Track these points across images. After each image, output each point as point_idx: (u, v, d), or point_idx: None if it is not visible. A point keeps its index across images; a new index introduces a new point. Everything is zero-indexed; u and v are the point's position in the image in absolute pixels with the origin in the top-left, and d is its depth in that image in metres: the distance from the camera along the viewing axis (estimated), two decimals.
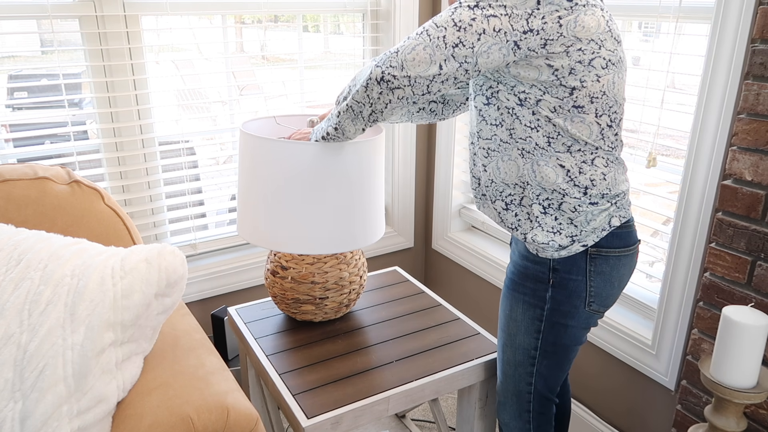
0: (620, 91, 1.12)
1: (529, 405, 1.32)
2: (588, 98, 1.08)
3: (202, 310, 2.05)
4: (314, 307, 1.47)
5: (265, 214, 1.28)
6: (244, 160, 1.29)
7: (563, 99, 1.07)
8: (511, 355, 1.29)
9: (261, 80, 2.05)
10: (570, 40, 1.03)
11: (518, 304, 1.24)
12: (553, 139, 1.11)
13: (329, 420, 1.20)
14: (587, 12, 1.03)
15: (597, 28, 1.04)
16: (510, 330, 1.28)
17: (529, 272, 1.21)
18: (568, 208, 1.14)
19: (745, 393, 1.15)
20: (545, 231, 1.16)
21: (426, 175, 2.42)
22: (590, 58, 1.05)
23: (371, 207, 1.34)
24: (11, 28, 1.75)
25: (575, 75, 1.05)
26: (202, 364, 1.19)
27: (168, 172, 1.93)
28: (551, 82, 1.06)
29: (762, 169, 1.25)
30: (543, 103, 1.08)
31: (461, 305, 2.41)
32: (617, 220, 1.16)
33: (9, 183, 1.35)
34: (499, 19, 1.01)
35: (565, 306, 1.20)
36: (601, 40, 1.05)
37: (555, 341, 1.23)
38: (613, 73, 1.08)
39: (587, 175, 1.12)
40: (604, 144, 1.13)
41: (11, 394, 1.00)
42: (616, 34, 1.09)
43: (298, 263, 1.46)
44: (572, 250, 1.16)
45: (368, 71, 1.08)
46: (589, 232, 1.15)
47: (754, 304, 1.31)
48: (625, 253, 1.19)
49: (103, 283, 1.08)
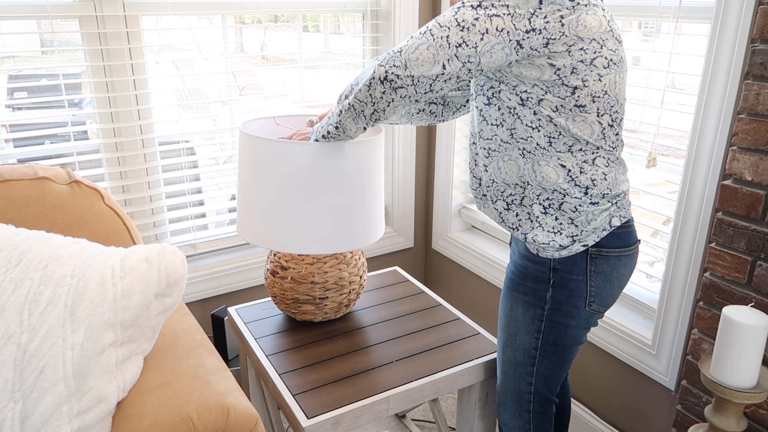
0: (621, 90, 1.12)
1: (530, 405, 1.32)
2: (590, 97, 1.08)
3: (202, 310, 2.05)
4: (314, 307, 1.47)
5: (264, 215, 1.28)
6: (243, 160, 1.29)
7: (565, 98, 1.07)
8: (511, 354, 1.29)
9: (261, 80, 2.05)
10: (572, 39, 1.03)
11: (518, 303, 1.24)
12: (554, 138, 1.11)
13: (329, 420, 1.20)
14: (589, 12, 1.04)
15: (599, 27, 1.05)
16: (510, 330, 1.28)
17: (530, 272, 1.21)
18: (568, 207, 1.14)
19: (745, 393, 1.15)
20: (546, 231, 1.16)
21: (426, 175, 2.42)
22: (592, 58, 1.05)
23: (371, 207, 1.34)
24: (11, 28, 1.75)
25: (577, 74, 1.05)
26: (202, 364, 1.19)
27: (168, 172, 1.93)
28: (553, 81, 1.06)
29: (762, 169, 1.25)
30: (545, 102, 1.08)
31: (461, 305, 2.41)
32: (618, 220, 1.17)
33: (9, 183, 1.35)
34: (501, 18, 1.02)
35: (565, 306, 1.20)
36: (602, 40, 1.05)
37: (555, 341, 1.23)
38: (614, 73, 1.09)
39: (588, 174, 1.13)
40: (605, 144, 1.13)
41: (11, 394, 1.00)
42: (617, 34, 1.09)
43: (297, 263, 1.46)
44: (573, 250, 1.16)
45: (371, 70, 1.09)
46: (589, 232, 1.15)
47: (754, 304, 1.31)
48: (625, 253, 1.19)
49: (103, 283, 1.08)
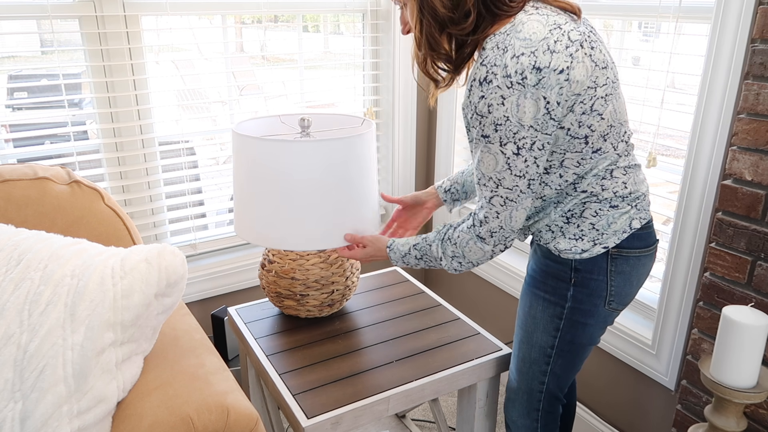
0: (621, 110, 1.13)
1: (539, 404, 1.32)
2: (601, 139, 1.10)
3: (202, 310, 2.05)
4: (296, 303, 1.49)
5: (257, 212, 1.30)
6: (237, 159, 1.31)
7: (582, 150, 1.10)
8: (527, 352, 1.30)
9: (261, 80, 2.05)
10: (571, 99, 1.04)
11: (538, 301, 1.26)
12: (578, 183, 1.15)
13: (329, 420, 1.20)
14: (575, 66, 1.03)
15: (588, 73, 1.04)
16: (528, 327, 1.29)
17: (551, 270, 1.23)
18: (589, 213, 1.16)
19: (745, 393, 1.15)
20: (567, 238, 1.18)
21: (426, 175, 2.42)
22: (591, 104, 1.06)
23: (360, 203, 1.34)
24: (11, 28, 1.75)
25: (583, 124, 1.07)
26: (202, 364, 1.19)
27: (168, 172, 1.93)
28: (567, 141, 1.08)
29: (762, 169, 1.25)
30: (567, 161, 1.11)
31: (461, 305, 2.41)
32: (638, 222, 1.18)
33: (9, 183, 1.35)
34: (534, 139, 1.05)
35: (586, 305, 1.21)
36: (594, 82, 1.06)
37: (572, 340, 1.24)
38: (611, 103, 1.09)
39: (609, 189, 1.15)
40: (620, 158, 1.15)
41: (11, 394, 1.00)
42: (598, 58, 1.07)
43: (282, 258, 1.48)
44: (594, 252, 1.17)
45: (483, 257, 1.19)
46: (610, 235, 1.17)
47: (754, 304, 1.31)
48: (645, 253, 1.20)
49: (103, 283, 1.08)
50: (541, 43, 1.00)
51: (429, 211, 1.53)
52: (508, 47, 1.01)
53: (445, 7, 1.04)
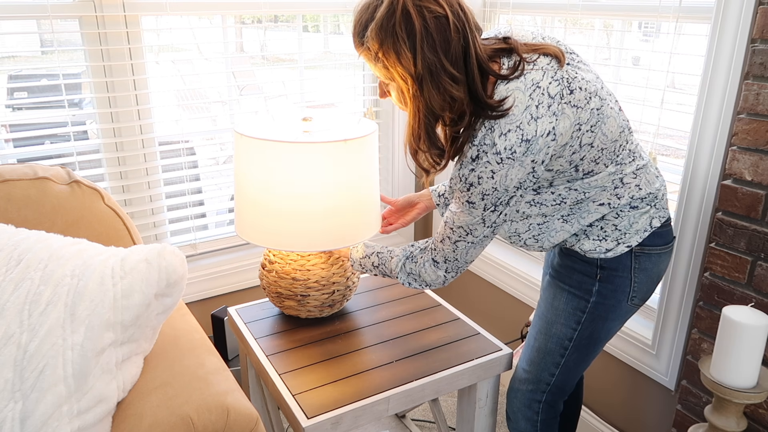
0: (612, 128, 1.12)
1: (543, 395, 1.35)
2: (592, 164, 1.13)
3: (202, 310, 2.05)
4: (296, 303, 1.48)
5: (258, 212, 1.30)
6: (238, 159, 1.31)
7: (573, 175, 1.14)
8: (543, 342, 1.31)
9: (261, 80, 2.05)
10: (558, 151, 1.08)
11: (562, 294, 1.28)
12: (582, 201, 1.18)
13: (329, 420, 1.20)
14: (560, 121, 1.05)
15: (572, 121, 1.06)
16: (548, 317, 1.30)
17: (576, 266, 1.25)
18: (611, 216, 1.19)
19: (745, 393, 1.15)
20: (591, 240, 1.21)
21: None
22: (579, 142, 1.09)
23: (361, 204, 1.34)
24: (11, 28, 1.75)
25: (573, 161, 1.11)
26: (202, 364, 1.19)
27: (168, 172, 1.93)
28: (553, 173, 1.13)
29: (762, 169, 1.25)
30: (557, 181, 1.15)
31: (461, 305, 2.41)
32: (657, 221, 1.21)
33: (9, 183, 1.35)
34: (513, 195, 1.10)
35: (610, 300, 1.23)
36: (579, 123, 1.07)
37: (591, 334, 1.27)
38: (599, 129, 1.10)
39: (625, 196, 1.18)
40: (626, 166, 1.17)
41: (11, 394, 1.00)
42: (580, 97, 1.07)
43: (282, 258, 1.48)
44: (618, 251, 1.20)
45: (435, 281, 1.27)
46: (632, 234, 1.20)
47: (754, 304, 1.31)
48: (665, 250, 1.24)
49: (103, 283, 1.08)
50: (524, 115, 1.03)
51: (418, 212, 1.55)
52: (495, 126, 1.05)
53: (443, 109, 1.08)
